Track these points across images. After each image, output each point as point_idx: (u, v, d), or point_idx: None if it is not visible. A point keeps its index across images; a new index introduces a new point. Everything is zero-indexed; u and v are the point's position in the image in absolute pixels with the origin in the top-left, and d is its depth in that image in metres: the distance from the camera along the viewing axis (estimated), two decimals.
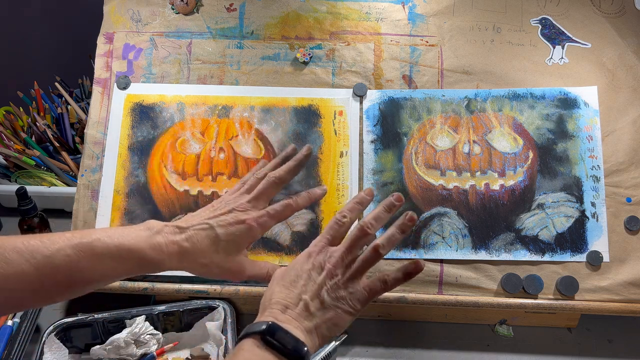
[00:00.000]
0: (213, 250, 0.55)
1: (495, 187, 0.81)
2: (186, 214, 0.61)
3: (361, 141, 0.84)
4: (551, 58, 0.86)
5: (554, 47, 0.87)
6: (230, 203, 0.59)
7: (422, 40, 0.87)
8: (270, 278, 0.57)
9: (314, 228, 0.81)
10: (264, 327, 0.48)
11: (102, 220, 0.82)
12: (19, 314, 0.80)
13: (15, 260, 0.48)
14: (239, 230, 0.56)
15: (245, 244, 0.57)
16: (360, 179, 0.83)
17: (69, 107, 1.11)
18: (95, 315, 0.76)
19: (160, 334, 0.78)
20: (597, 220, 0.80)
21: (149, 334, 0.76)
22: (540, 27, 0.87)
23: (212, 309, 0.79)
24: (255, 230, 0.57)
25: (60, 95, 1.12)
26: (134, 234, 0.53)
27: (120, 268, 0.52)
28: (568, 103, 0.84)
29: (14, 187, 0.96)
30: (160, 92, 0.87)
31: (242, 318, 0.84)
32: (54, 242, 0.50)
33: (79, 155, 1.07)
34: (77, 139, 1.09)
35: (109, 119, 0.86)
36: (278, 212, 0.59)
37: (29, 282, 0.48)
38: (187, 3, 0.89)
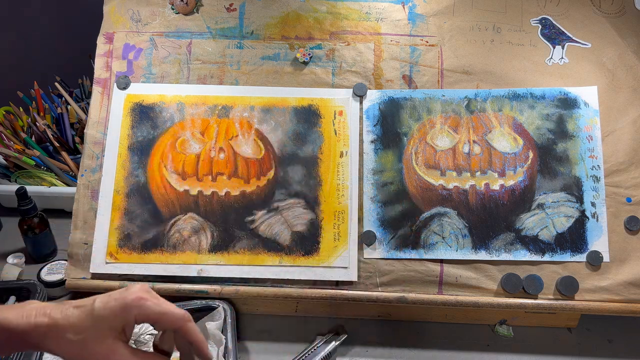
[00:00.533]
0: (84, 326, 0.47)
1: (495, 187, 0.81)
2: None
3: (361, 141, 0.84)
4: (551, 58, 0.86)
5: (554, 47, 0.87)
6: (131, 293, 0.49)
7: (422, 40, 0.87)
8: None
9: (314, 228, 0.81)
10: None
11: (102, 220, 0.82)
12: None
13: None
14: (116, 307, 0.47)
15: (119, 325, 0.48)
16: (360, 179, 0.83)
17: (69, 107, 1.11)
18: None
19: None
20: (597, 220, 0.80)
21: (149, 334, 0.76)
22: (540, 27, 0.87)
23: (212, 309, 0.79)
24: (128, 309, 0.48)
25: (60, 95, 1.12)
26: (10, 307, 0.48)
27: None
28: (568, 103, 0.84)
29: (14, 187, 0.96)
30: (160, 92, 0.87)
31: (242, 318, 0.84)
32: None
33: (79, 155, 1.07)
34: (77, 139, 1.09)
35: (108, 119, 0.86)
36: (165, 308, 0.49)
37: None
38: (187, 3, 0.89)
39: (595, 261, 0.78)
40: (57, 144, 1.07)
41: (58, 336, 0.47)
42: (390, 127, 0.84)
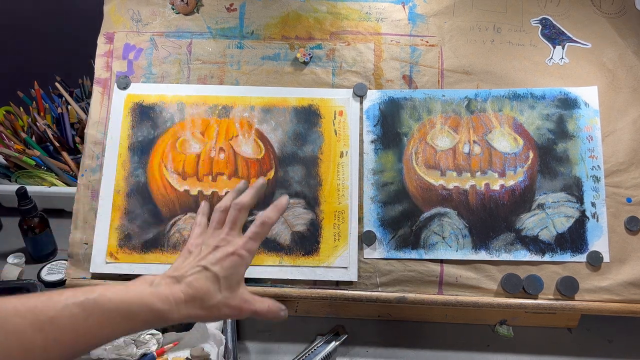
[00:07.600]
0: (216, 289, 0.54)
1: (496, 187, 0.81)
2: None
3: (361, 141, 0.84)
4: (551, 58, 0.86)
5: (554, 47, 0.87)
6: (210, 242, 0.58)
7: (422, 40, 0.87)
8: (271, 314, 0.58)
9: (314, 228, 0.81)
10: None
11: (102, 220, 0.82)
12: None
13: (19, 325, 0.42)
14: (233, 262, 0.56)
15: (243, 274, 0.57)
16: (360, 179, 0.83)
17: (69, 107, 1.11)
18: None
19: (160, 334, 0.78)
20: (598, 220, 0.80)
21: (149, 334, 0.76)
22: (540, 27, 0.87)
23: None
24: (246, 258, 0.57)
25: (61, 95, 1.12)
26: (136, 290, 0.51)
27: (128, 325, 0.49)
28: (568, 103, 0.84)
29: (14, 187, 0.96)
30: (160, 92, 0.87)
31: None
32: (56, 302, 0.45)
33: (79, 155, 1.07)
34: (77, 139, 1.09)
35: (109, 119, 0.86)
36: (258, 233, 0.58)
37: (32, 349, 0.43)
38: (187, 3, 0.89)
39: (595, 261, 0.78)
40: (57, 144, 1.07)
41: (197, 306, 0.53)
42: (390, 127, 0.84)
